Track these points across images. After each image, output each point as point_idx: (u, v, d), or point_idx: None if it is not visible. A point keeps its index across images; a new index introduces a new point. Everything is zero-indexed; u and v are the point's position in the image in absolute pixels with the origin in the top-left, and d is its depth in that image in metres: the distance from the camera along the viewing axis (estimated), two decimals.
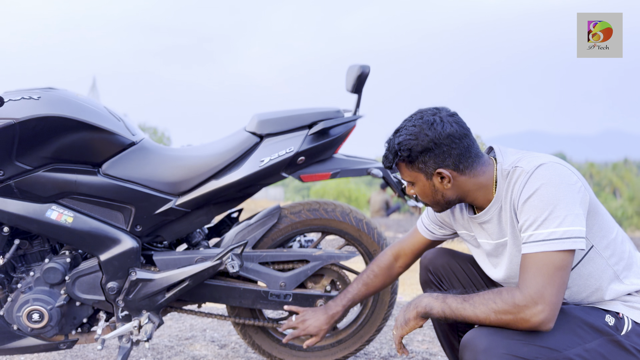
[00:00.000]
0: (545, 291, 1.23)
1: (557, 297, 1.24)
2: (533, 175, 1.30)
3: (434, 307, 1.35)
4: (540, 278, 1.24)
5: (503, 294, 1.27)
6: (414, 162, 1.41)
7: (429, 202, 1.48)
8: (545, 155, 1.37)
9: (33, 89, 1.77)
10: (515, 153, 1.43)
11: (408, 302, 1.43)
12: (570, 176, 1.30)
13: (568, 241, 1.24)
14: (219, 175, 1.89)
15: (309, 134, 1.92)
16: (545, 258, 1.25)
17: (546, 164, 1.31)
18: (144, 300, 1.84)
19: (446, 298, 1.35)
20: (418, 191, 1.47)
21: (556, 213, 1.25)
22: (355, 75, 1.93)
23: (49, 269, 1.78)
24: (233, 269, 1.83)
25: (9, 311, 1.79)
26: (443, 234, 1.67)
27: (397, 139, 1.42)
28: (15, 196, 1.73)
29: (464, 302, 1.31)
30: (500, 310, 1.26)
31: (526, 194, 1.29)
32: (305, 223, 2.05)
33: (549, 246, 1.25)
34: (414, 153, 1.39)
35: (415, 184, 1.45)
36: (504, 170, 1.39)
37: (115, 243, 1.82)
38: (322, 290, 2.03)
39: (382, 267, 1.77)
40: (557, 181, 1.27)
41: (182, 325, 2.86)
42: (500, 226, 1.42)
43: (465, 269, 1.66)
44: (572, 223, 1.25)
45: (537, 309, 1.22)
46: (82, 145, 1.78)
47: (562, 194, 1.26)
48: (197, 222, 1.94)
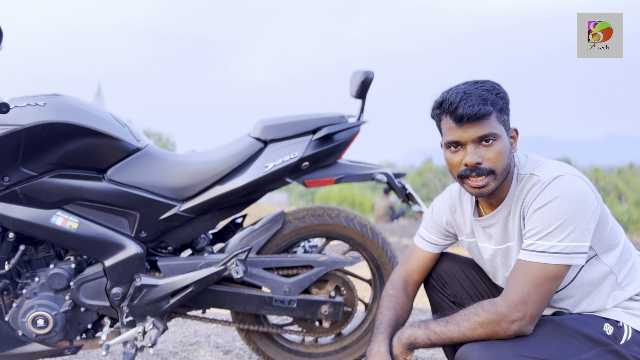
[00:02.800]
0: (529, 299, 1.25)
1: (539, 307, 1.26)
2: (549, 187, 1.28)
3: (418, 336, 1.33)
4: (527, 286, 1.25)
5: (484, 305, 1.29)
6: (502, 113, 1.32)
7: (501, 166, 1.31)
8: (562, 165, 1.35)
9: (39, 95, 1.78)
10: (532, 159, 1.41)
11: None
12: (586, 190, 1.28)
13: (566, 256, 1.25)
14: (224, 180, 1.89)
15: (313, 139, 1.93)
16: (539, 269, 1.26)
17: (563, 176, 1.29)
18: (148, 306, 1.84)
19: (428, 324, 1.34)
20: (500, 149, 1.30)
21: (563, 227, 1.25)
22: (359, 81, 1.94)
23: (54, 275, 1.79)
24: (237, 274, 1.83)
25: (14, 317, 1.80)
26: (446, 244, 1.66)
27: (490, 89, 1.29)
28: (20, 202, 1.74)
29: (448, 324, 1.30)
30: (484, 321, 1.26)
31: (538, 204, 1.29)
32: (310, 228, 2.05)
33: (546, 258, 1.26)
34: (506, 103, 1.31)
35: (499, 139, 1.31)
36: (520, 175, 1.38)
37: (120, 249, 1.82)
38: (326, 296, 2.02)
39: (398, 288, 1.62)
40: (572, 195, 1.26)
41: (186, 331, 2.86)
42: (505, 231, 1.41)
43: (467, 274, 1.66)
44: (576, 239, 1.25)
45: (518, 315, 1.24)
46: (87, 151, 1.78)
47: (574, 209, 1.25)
48: (201, 228, 1.94)
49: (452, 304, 1.65)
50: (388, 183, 2.05)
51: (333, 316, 1.99)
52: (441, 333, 1.30)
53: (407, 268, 1.67)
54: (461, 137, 1.31)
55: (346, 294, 2.06)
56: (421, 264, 1.66)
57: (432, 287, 1.68)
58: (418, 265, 1.66)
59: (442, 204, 1.62)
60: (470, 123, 1.29)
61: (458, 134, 1.31)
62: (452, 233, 1.62)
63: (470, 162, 1.31)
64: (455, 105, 1.29)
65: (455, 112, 1.29)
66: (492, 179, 1.32)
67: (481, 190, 1.33)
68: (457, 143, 1.33)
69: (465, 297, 1.63)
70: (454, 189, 1.62)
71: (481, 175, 1.32)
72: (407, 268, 1.67)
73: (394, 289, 1.62)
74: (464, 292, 1.64)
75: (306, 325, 2.08)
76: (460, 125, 1.30)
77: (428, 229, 1.65)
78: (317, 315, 1.98)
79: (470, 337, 1.28)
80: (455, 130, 1.32)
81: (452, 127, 1.32)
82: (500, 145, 1.31)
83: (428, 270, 1.68)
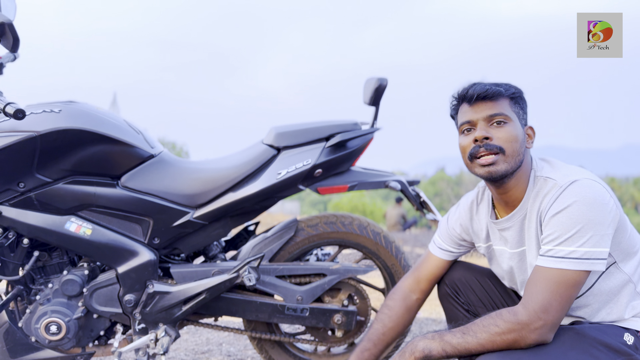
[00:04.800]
0: (551, 307, 1.22)
1: (560, 314, 1.23)
2: (566, 191, 1.27)
3: (433, 349, 1.29)
4: (548, 294, 1.23)
5: (504, 314, 1.26)
6: (516, 104, 1.36)
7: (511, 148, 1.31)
8: (579, 169, 1.34)
9: (54, 102, 1.79)
10: (549, 162, 1.40)
11: (402, 349, 1.35)
12: (604, 195, 1.26)
13: (586, 262, 1.22)
14: (237, 187, 1.89)
15: (327, 146, 1.92)
16: (559, 275, 1.23)
17: (580, 180, 1.27)
18: (161, 313, 1.84)
19: (443, 336, 1.30)
20: (510, 130, 1.31)
21: (582, 232, 1.22)
22: (372, 88, 1.93)
23: (67, 281, 1.79)
24: (250, 282, 1.82)
25: (27, 323, 1.80)
26: (460, 252, 1.64)
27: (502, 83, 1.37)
28: (35, 208, 1.75)
29: (465, 335, 1.27)
30: (504, 330, 1.23)
31: (556, 209, 1.26)
32: (322, 236, 2.03)
33: (566, 264, 1.23)
34: (521, 97, 1.37)
35: (509, 122, 1.32)
36: (537, 177, 1.36)
37: (133, 255, 1.82)
38: (339, 304, 2.00)
39: (396, 299, 1.63)
40: (590, 200, 1.24)
41: (198, 339, 2.85)
42: (520, 234, 1.39)
43: (482, 282, 1.63)
44: (596, 244, 1.22)
45: (539, 324, 1.21)
46: (102, 158, 1.79)
47: (593, 214, 1.23)
48: (214, 235, 1.94)
49: (466, 312, 1.62)
50: (402, 191, 2.04)
51: (346, 325, 1.97)
52: (458, 345, 1.27)
53: (417, 275, 1.65)
54: (472, 117, 1.35)
55: (359, 303, 2.04)
56: (432, 271, 1.65)
57: (445, 296, 1.66)
58: (428, 272, 1.65)
59: (458, 212, 1.61)
60: (482, 102, 1.34)
61: (470, 114, 1.36)
62: (468, 242, 1.60)
63: (479, 135, 1.32)
64: (468, 88, 1.37)
65: (468, 92, 1.35)
66: (502, 159, 1.31)
67: (490, 169, 1.31)
68: (469, 123, 1.36)
69: (479, 306, 1.61)
70: (470, 196, 1.61)
71: (490, 151, 1.31)
72: (416, 275, 1.66)
73: (392, 299, 1.63)
74: (478, 300, 1.61)
75: (319, 335, 2.06)
76: (472, 105, 1.35)
77: (442, 237, 1.64)
78: (330, 324, 1.96)
79: (488, 348, 1.25)
80: (467, 112, 1.37)
81: (466, 109, 1.38)
82: (512, 128, 1.33)
83: (437, 278, 1.66)
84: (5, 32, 1.52)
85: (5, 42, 1.54)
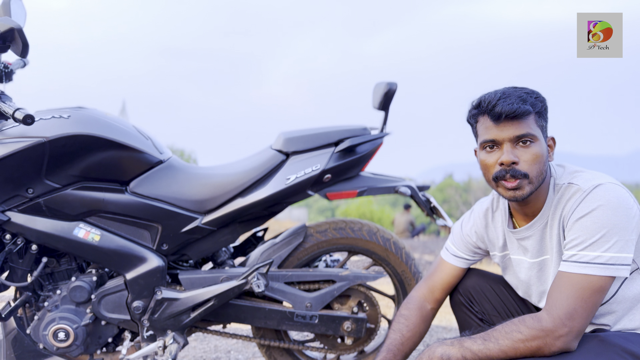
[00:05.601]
0: (576, 314, 1.19)
1: (586, 321, 1.20)
2: (590, 195, 1.24)
3: (452, 355, 1.25)
4: (573, 300, 1.20)
5: (527, 320, 1.23)
6: (541, 118, 1.30)
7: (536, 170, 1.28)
8: (601, 174, 1.31)
9: (63, 108, 1.79)
10: (569, 169, 1.37)
11: (419, 356, 1.32)
12: (628, 199, 1.24)
13: (612, 268, 1.20)
14: (245, 193, 1.88)
15: (336, 151, 1.90)
16: (584, 280, 1.20)
17: (604, 184, 1.25)
18: (169, 320, 1.82)
19: (462, 342, 1.26)
20: (536, 151, 1.27)
21: (607, 237, 1.20)
22: (382, 93, 1.92)
23: (76, 288, 1.78)
24: (258, 288, 1.80)
25: (35, 329, 1.79)
26: (474, 260, 1.61)
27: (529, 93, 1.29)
28: (43, 214, 1.74)
29: (486, 342, 1.24)
30: (527, 337, 1.20)
31: (580, 213, 1.24)
32: (331, 242, 2.02)
33: (591, 270, 1.20)
34: (545, 109, 1.30)
35: (536, 142, 1.28)
36: (557, 185, 1.33)
37: (141, 261, 1.81)
38: (348, 311, 1.98)
39: (412, 308, 1.58)
40: (614, 204, 1.21)
41: (206, 347, 2.83)
42: (542, 243, 1.36)
43: (496, 290, 1.60)
44: (621, 250, 1.20)
45: (564, 331, 1.18)
46: (111, 164, 1.79)
47: (617, 219, 1.20)
48: (222, 241, 1.92)
49: (480, 321, 1.59)
50: (412, 196, 2.01)
51: (356, 333, 1.95)
52: (478, 352, 1.23)
53: (430, 284, 1.62)
54: (498, 136, 1.29)
55: (369, 310, 2.01)
56: (446, 279, 1.61)
57: (459, 304, 1.63)
58: (442, 280, 1.61)
59: (472, 219, 1.58)
60: (508, 121, 1.27)
61: (495, 133, 1.29)
62: (482, 249, 1.57)
63: (506, 160, 1.27)
64: (494, 103, 1.28)
65: (494, 109, 1.27)
66: (527, 183, 1.29)
67: (516, 193, 1.29)
68: (493, 142, 1.31)
69: (494, 315, 1.58)
70: (485, 203, 1.58)
71: (515, 177, 1.28)
72: (429, 284, 1.62)
73: (407, 308, 1.59)
74: (492, 309, 1.58)
75: (328, 342, 2.03)
76: (497, 124, 1.28)
77: (456, 244, 1.61)
78: (339, 331, 1.94)
79: (511, 355, 1.21)
80: (492, 129, 1.30)
81: (489, 125, 1.30)
82: (538, 148, 1.28)
83: (452, 287, 1.62)
84: (15, 37, 1.52)
85: (15, 47, 1.55)
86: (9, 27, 1.50)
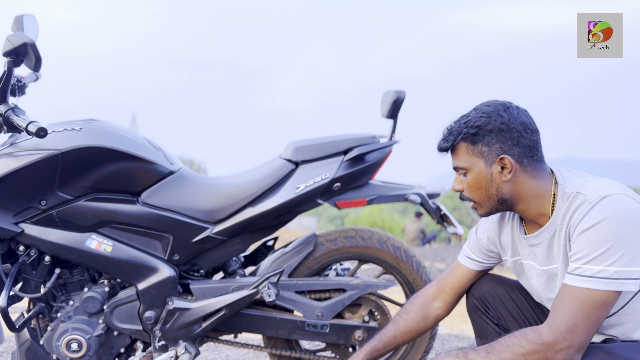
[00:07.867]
0: (577, 328, 1.18)
1: (587, 335, 1.18)
2: (596, 207, 1.21)
3: None
4: (574, 314, 1.18)
5: (528, 334, 1.22)
6: (477, 144, 1.31)
7: (478, 197, 1.36)
8: (611, 182, 1.28)
9: (75, 120, 1.82)
10: (578, 176, 1.34)
11: None
12: (637, 211, 1.21)
13: (616, 282, 1.17)
14: (255, 202, 1.88)
15: (345, 160, 1.91)
16: (586, 295, 1.19)
17: (612, 195, 1.22)
18: (180, 330, 1.83)
19: (467, 354, 1.27)
20: (470, 181, 1.34)
21: (611, 251, 1.17)
22: (390, 101, 1.92)
23: (88, 298, 1.80)
24: (269, 297, 1.80)
25: (48, 340, 1.81)
26: (489, 263, 1.60)
27: (464, 119, 1.34)
28: (56, 225, 1.76)
29: (489, 354, 1.23)
30: (528, 351, 1.20)
31: (585, 225, 1.21)
32: (342, 251, 2.01)
33: (594, 284, 1.18)
34: (481, 132, 1.30)
35: (470, 171, 1.34)
36: (566, 193, 1.30)
37: (153, 272, 1.82)
38: (360, 320, 1.97)
39: (416, 304, 1.60)
40: (621, 217, 1.18)
41: (217, 357, 2.83)
42: (550, 252, 1.35)
43: (512, 296, 1.59)
44: (627, 263, 1.17)
45: (565, 345, 1.17)
46: (122, 175, 1.80)
47: (624, 232, 1.17)
48: (233, 251, 1.93)
49: (496, 327, 1.58)
50: (422, 204, 2.01)
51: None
52: None
53: (441, 283, 1.62)
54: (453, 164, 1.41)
55: (380, 318, 2.00)
56: (458, 280, 1.61)
57: (475, 310, 1.62)
58: (453, 280, 1.61)
59: (488, 223, 1.57)
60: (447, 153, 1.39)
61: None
62: (495, 253, 1.56)
63: (453, 189, 1.40)
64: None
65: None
66: (478, 206, 1.39)
67: (477, 212, 1.41)
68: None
69: (510, 321, 1.56)
70: None
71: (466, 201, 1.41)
72: (440, 283, 1.62)
73: (411, 304, 1.62)
74: (509, 315, 1.57)
75: (339, 351, 2.02)
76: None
77: (470, 246, 1.60)
78: (351, 340, 1.93)
79: None
80: None
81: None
82: (472, 177, 1.35)
83: (463, 289, 1.62)
84: (28, 52, 1.54)
85: (28, 62, 1.57)
86: (22, 42, 1.53)
